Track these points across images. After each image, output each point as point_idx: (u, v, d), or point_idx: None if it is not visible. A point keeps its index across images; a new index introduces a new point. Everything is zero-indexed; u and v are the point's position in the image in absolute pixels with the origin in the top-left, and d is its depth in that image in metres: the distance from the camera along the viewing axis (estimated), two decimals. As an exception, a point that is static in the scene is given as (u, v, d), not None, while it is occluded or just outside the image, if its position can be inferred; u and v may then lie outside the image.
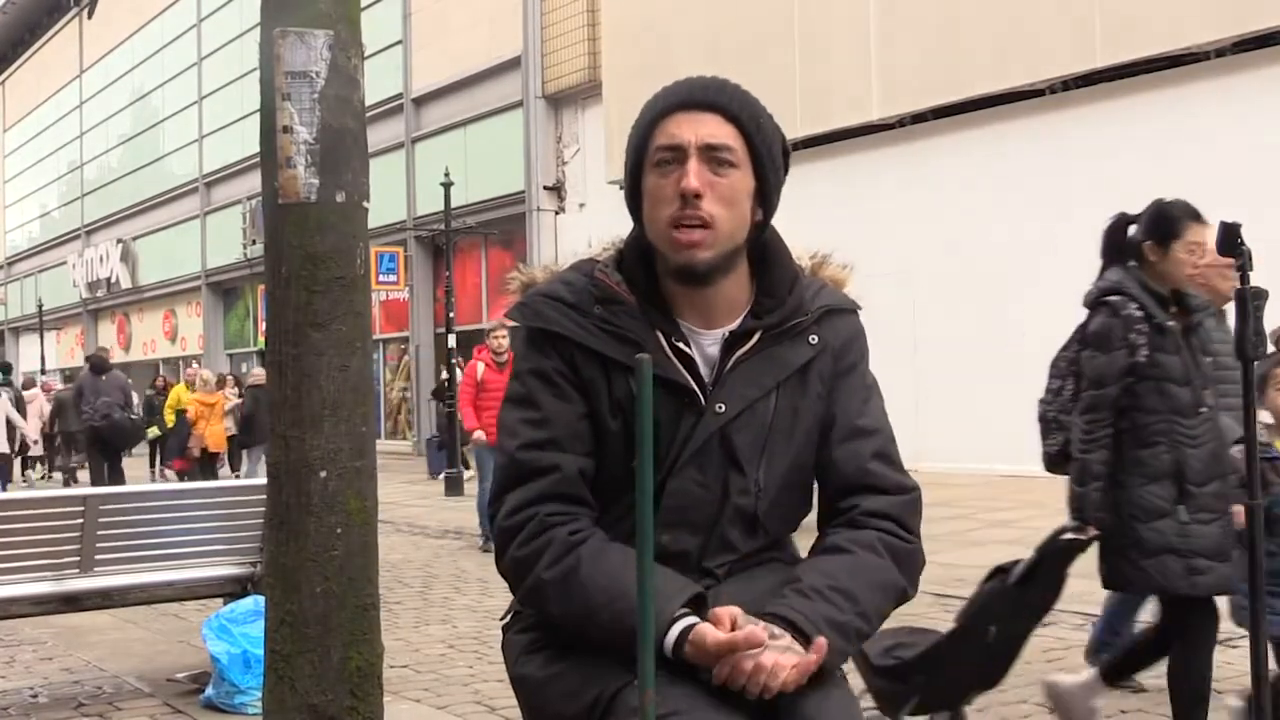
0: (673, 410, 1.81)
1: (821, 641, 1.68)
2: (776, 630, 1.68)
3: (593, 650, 1.77)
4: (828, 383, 1.89)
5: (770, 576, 1.86)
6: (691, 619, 1.70)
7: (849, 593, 1.77)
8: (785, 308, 1.86)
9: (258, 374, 15.76)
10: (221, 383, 18.15)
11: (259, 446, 14.68)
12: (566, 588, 1.75)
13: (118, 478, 15.43)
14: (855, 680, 1.99)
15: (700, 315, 1.86)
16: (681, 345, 1.83)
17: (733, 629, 1.67)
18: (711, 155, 1.78)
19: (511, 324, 1.94)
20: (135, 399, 17.73)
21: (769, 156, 1.83)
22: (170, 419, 17.73)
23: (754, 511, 1.85)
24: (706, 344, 1.86)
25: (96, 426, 15.25)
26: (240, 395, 16.90)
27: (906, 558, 1.85)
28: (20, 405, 18.10)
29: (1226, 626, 6.01)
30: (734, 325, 1.86)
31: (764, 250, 1.88)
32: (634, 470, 1.79)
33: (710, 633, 1.66)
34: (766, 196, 1.85)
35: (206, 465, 16.70)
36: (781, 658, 1.65)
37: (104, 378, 15.72)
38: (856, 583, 1.78)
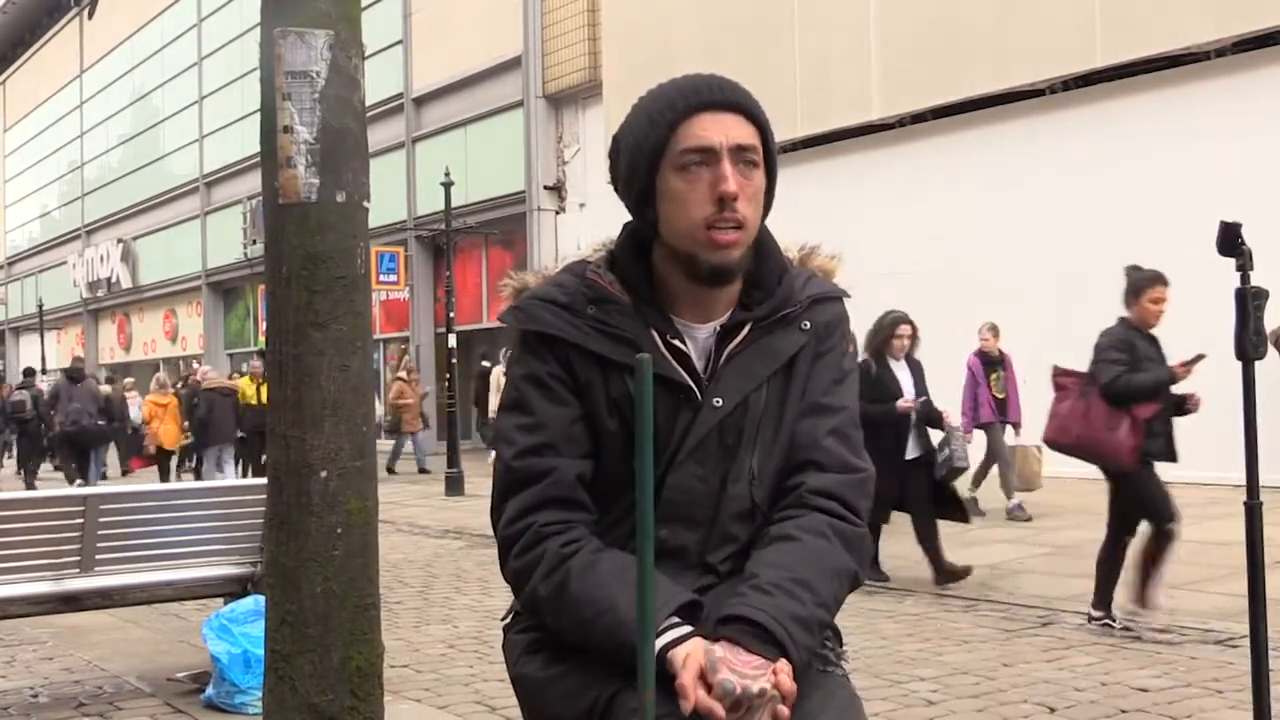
0: (670, 406, 1.81)
1: (788, 675, 1.63)
2: (754, 684, 1.60)
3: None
4: (810, 366, 1.90)
5: None
6: (677, 632, 1.68)
7: (807, 583, 1.74)
8: (775, 299, 1.87)
9: (213, 377, 17.52)
10: (164, 385, 19.02)
11: (214, 447, 15.96)
12: (558, 603, 1.75)
13: (84, 475, 17.05)
14: (857, 680, 1.98)
15: (698, 311, 1.87)
16: (676, 342, 1.84)
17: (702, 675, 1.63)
18: (740, 157, 1.79)
19: None
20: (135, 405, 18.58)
21: (775, 153, 1.86)
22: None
23: (751, 499, 1.86)
24: (700, 337, 1.87)
25: (69, 431, 16.93)
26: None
27: (855, 541, 1.84)
28: (38, 405, 19.19)
29: (1225, 625, 6.03)
30: (724, 318, 1.87)
31: (755, 243, 1.89)
32: (635, 469, 1.80)
33: (683, 677, 1.61)
34: (770, 193, 1.87)
35: (163, 462, 17.91)
36: None
37: (78, 386, 17.28)
38: (812, 572, 1.76)
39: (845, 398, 1.92)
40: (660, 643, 1.65)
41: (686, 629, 1.68)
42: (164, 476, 17.52)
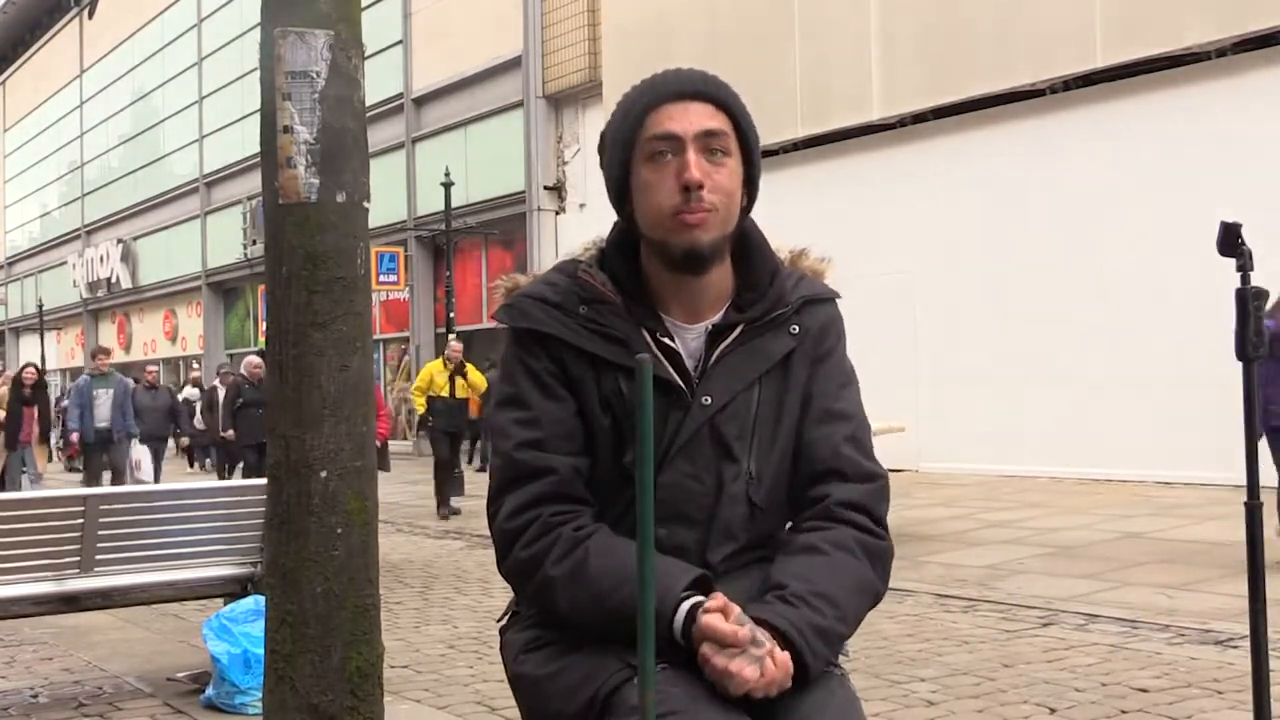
0: (660, 405, 1.81)
1: (786, 659, 1.68)
2: (760, 636, 1.67)
3: (592, 647, 1.77)
4: (808, 369, 1.91)
5: (766, 575, 1.86)
6: (698, 597, 1.71)
7: (831, 598, 1.77)
8: (767, 299, 1.88)
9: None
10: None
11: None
12: (575, 580, 1.76)
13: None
14: (857, 680, 1.99)
15: (686, 308, 1.88)
16: (667, 341, 1.86)
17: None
18: (707, 145, 1.80)
19: None
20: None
21: (755, 144, 1.86)
22: (420, 403, 17.02)
23: (749, 498, 1.87)
24: (690, 338, 1.88)
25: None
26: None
27: (880, 556, 1.86)
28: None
29: (1226, 625, 6.03)
30: (716, 318, 1.88)
31: (744, 242, 1.90)
32: (626, 467, 1.81)
33: (717, 621, 1.66)
34: (752, 184, 1.88)
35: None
36: (747, 670, 1.64)
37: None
38: (836, 586, 1.79)
39: (855, 403, 1.95)
40: (687, 605, 1.70)
41: (704, 598, 1.71)
42: None
